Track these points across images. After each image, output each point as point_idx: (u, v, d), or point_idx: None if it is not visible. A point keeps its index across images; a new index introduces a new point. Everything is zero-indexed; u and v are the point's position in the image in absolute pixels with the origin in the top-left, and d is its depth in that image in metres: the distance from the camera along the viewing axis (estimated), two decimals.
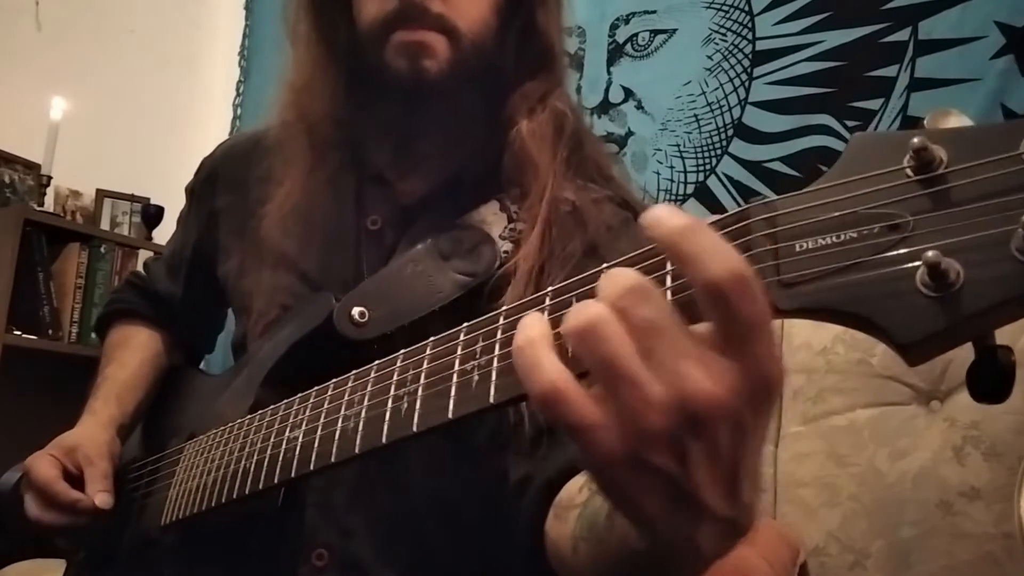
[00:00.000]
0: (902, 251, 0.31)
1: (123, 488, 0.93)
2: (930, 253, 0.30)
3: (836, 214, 0.33)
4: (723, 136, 2.09)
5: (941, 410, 1.44)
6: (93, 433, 0.94)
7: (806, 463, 1.54)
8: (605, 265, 0.39)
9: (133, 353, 1.07)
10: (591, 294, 0.41)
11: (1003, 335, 0.32)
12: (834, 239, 0.33)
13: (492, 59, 0.85)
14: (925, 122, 0.34)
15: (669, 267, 0.40)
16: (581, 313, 0.36)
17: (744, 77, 2.08)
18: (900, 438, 1.45)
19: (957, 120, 0.34)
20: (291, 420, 0.68)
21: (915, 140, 0.32)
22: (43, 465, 0.89)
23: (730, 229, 0.38)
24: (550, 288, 0.49)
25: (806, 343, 1.61)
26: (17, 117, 2.56)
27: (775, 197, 0.36)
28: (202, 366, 1.23)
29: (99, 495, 0.88)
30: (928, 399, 1.46)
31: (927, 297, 0.30)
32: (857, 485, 1.46)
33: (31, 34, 2.64)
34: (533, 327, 0.39)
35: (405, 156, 0.91)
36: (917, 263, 0.30)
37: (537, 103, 0.85)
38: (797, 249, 0.34)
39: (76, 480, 0.90)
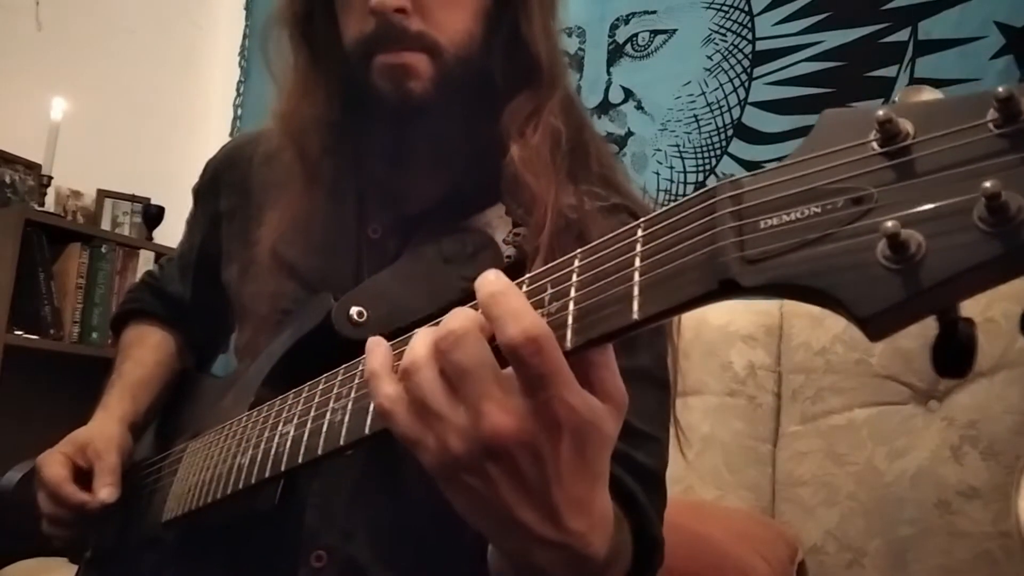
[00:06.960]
0: (864, 223, 0.30)
1: (132, 487, 0.94)
2: (889, 224, 0.29)
3: (800, 189, 0.32)
4: (723, 136, 2.08)
5: (939, 410, 1.43)
6: (104, 428, 0.95)
7: (805, 462, 1.54)
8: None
9: (149, 352, 1.07)
10: (566, 278, 0.45)
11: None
12: (798, 215, 0.32)
13: (480, 69, 0.82)
14: (897, 97, 0.34)
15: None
16: (408, 355, 0.46)
17: (744, 77, 2.07)
18: (898, 437, 1.44)
19: (930, 95, 0.34)
20: (284, 415, 0.68)
21: (880, 113, 0.31)
22: (53, 465, 0.90)
23: (695, 209, 0.37)
24: (527, 275, 0.50)
25: (805, 343, 1.61)
26: (18, 117, 2.57)
27: (743, 175, 0.35)
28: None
29: (103, 489, 0.88)
30: (926, 399, 1.45)
31: (887, 269, 0.29)
32: (855, 484, 1.46)
33: (31, 34, 2.65)
34: (374, 359, 0.49)
35: (400, 174, 0.89)
36: (878, 235, 0.30)
37: (526, 122, 0.82)
38: (762, 226, 0.33)
39: (88, 475, 0.91)
